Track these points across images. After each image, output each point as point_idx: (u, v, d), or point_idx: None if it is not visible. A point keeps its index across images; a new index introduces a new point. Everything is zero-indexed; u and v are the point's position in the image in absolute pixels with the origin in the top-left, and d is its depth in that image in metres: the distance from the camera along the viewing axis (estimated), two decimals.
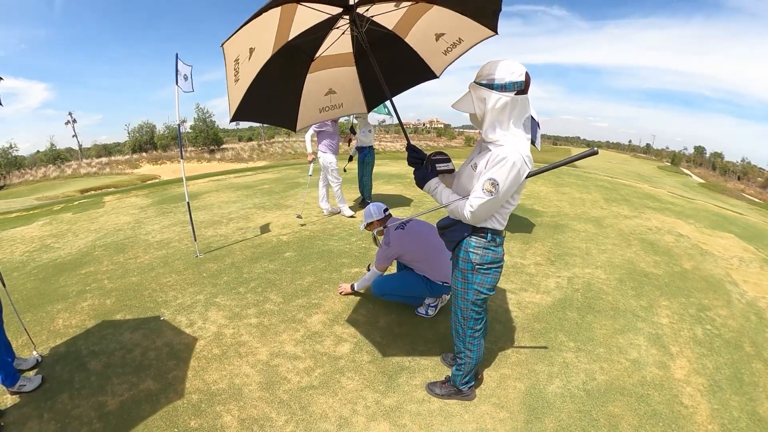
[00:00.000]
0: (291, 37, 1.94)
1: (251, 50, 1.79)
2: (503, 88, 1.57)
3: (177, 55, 3.83)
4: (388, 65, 2.19)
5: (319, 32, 2.03)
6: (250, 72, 1.91)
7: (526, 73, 1.58)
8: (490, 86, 1.59)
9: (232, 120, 2.00)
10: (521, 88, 1.57)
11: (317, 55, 2.20)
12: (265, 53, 1.91)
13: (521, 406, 2.12)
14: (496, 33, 2.13)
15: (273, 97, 2.18)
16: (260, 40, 1.81)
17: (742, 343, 2.79)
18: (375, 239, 2.75)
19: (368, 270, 3.12)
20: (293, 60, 2.11)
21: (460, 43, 2.22)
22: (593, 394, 2.22)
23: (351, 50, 2.29)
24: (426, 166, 1.88)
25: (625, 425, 2.02)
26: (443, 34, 2.20)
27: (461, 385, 2.11)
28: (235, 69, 1.78)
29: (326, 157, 5.13)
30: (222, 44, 1.64)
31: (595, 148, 1.50)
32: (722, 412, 2.15)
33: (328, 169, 5.19)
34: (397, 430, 1.98)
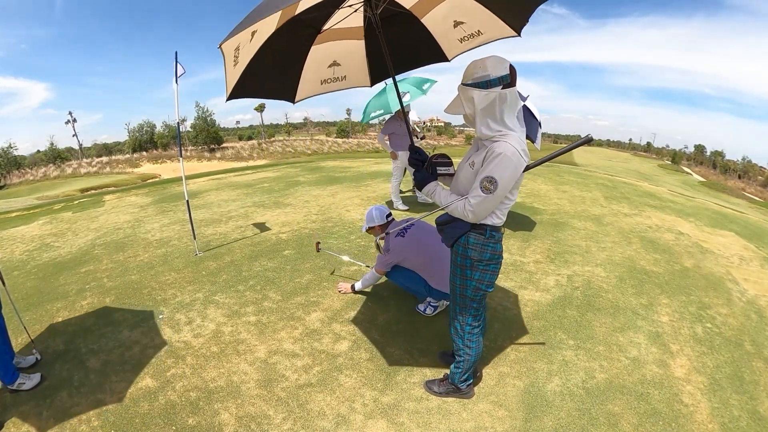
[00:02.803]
0: (297, 11, 1.90)
1: (253, 33, 1.76)
2: (489, 84, 1.57)
3: (176, 53, 3.83)
4: (400, 42, 2.16)
5: (328, 8, 1.99)
6: (249, 52, 1.88)
7: (511, 66, 1.58)
8: (476, 85, 1.59)
9: (228, 98, 1.97)
10: (507, 82, 1.57)
11: (325, 27, 2.16)
12: (268, 30, 1.87)
13: (520, 405, 2.12)
14: (519, 35, 2.10)
15: (272, 70, 2.14)
16: (263, 23, 1.78)
17: (742, 341, 2.78)
18: (378, 247, 2.74)
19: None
20: (298, 32, 2.07)
21: (479, 35, 2.19)
22: (593, 392, 2.21)
23: (361, 24, 2.24)
24: (427, 168, 1.88)
25: (625, 424, 2.01)
26: (463, 23, 2.17)
27: (460, 383, 2.10)
28: (234, 56, 1.76)
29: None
30: (219, 45, 1.62)
31: (590, 135, 1.50)
32: (722, 411, 2.14)
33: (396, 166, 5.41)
34: (395, 428, 1.97)
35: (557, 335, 2.71)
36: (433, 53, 2.38)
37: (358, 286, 3.11)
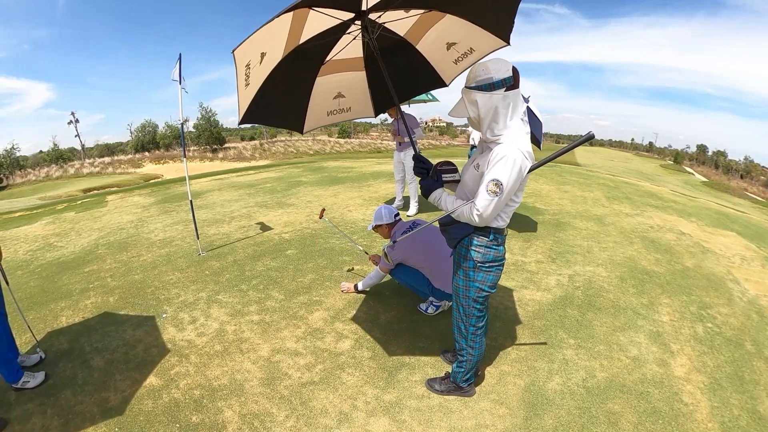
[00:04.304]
0: (302, 40, 1.95)
1: (262, 55, 1.81)
2: (492, 87, 1.59)
3: (180, 55, 3.86)
4: (399, 71, 2.19)
5: (330, 36, 2.03)
6: (260, 76, 1.92)
7: (513, 68, 1.60)
8: (480, 87, 1.61)
9: (241, 122, 2.03)
10: (510, 84, 1.59)
11: (327, 58, 2.21)
12: (275, 56, 1.92)
13: (521, 403, 2.13)
14: (509, 44, 2.11)
15: (281, 100, 2.19)
16: (271, 45, 1.82)
17: (743, 341, 2.78)
18: (386, 255, 2.77)
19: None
20: (303, 63, 2.12)
21: (472, 53, 2.21)
22: (593, 391, 2.22)
23: (361, 55, 2.29)
24: (432, 176, 1.89)
25: (625, 422, 2.02)
26: (455, 44, 2.20)
27: (462, 382, 2.11)
28: (246, 74, 1.80)
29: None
30: (233, 51, 1.65)
31: (591, 132, 1.51)
32: (722, 410, 2.14)
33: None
34: (396, 426, 1.99)
35: (558, 334, 2.72)
36: (431, 79, 2.42)
37: (360, 285, 3.13)
